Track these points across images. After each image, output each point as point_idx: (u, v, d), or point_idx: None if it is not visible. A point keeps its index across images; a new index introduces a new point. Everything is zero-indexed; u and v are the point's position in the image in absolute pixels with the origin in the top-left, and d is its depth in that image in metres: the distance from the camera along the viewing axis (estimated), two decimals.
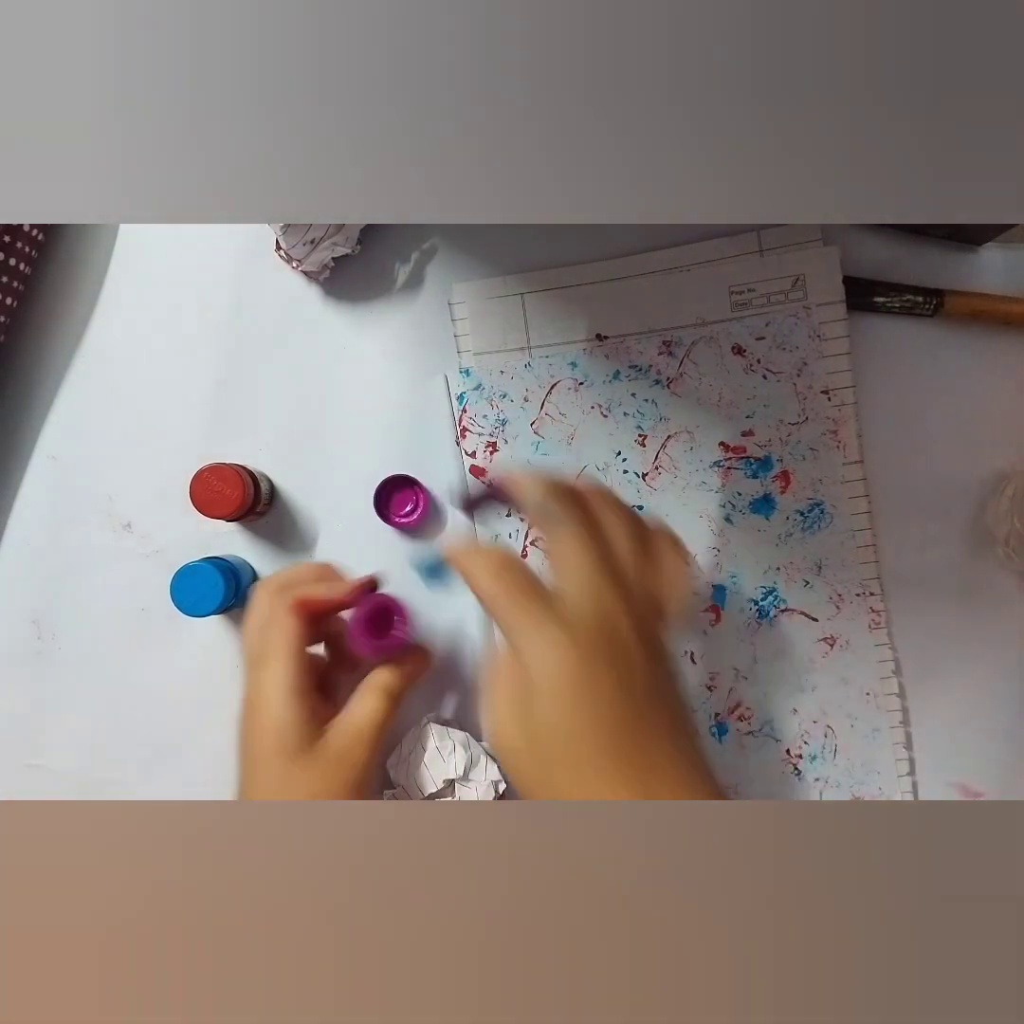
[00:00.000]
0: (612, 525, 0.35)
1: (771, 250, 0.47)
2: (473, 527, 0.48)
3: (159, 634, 0.49)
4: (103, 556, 0.50)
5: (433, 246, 0.49)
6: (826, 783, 0.48)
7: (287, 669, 0.39)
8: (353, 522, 0.49)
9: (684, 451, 0.48)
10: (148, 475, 0.49)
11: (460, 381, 0.48)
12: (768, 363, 0.47)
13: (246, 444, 0.49)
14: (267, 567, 0.49)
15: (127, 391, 0.50)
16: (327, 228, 0.45)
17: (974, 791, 0.48)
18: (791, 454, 0.47)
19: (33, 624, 0.50)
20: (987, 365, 0.47)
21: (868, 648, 0.47)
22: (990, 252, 0.47)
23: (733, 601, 0.48)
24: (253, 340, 0.49)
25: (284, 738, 0.38)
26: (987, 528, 0.47)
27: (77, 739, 0.50)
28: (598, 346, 0.48)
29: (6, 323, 0.48)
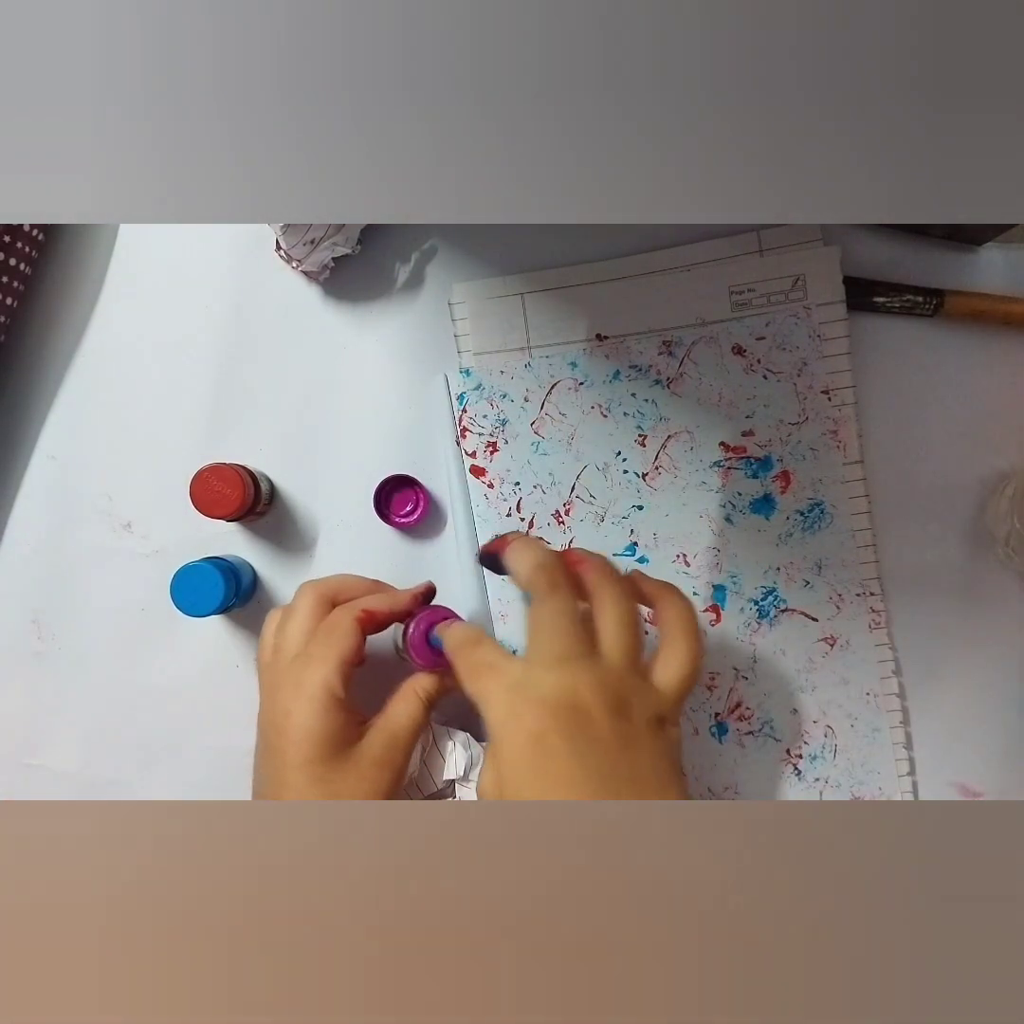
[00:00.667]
0: (604, 601, 0.35)
1: (771, 250, 0.47)
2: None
3: (159, 634, 0.49)
4: (103, 556, 0.50)
5: (433, 246, 0.49)
6: (826, 783, 0.48)
7: (336, 676, 0.37)
8: (353, 522, 0.49)
9: (684, 451, 0.48)
10: (148, 475, 0.49)
11: (460, 381, 0.48)
12: (768, 363, 0.47)
13: (246, 444, 0.49)
14: (267, 567, 0.49)
15: (127, 391, 0.50)
16: (327, 228, 0.45)
17: (974, 791, 0.48)
18: (791, 454, 0.47)
19: (33, 624, 0.50)
20: (987, 365, 0.47)
21: (868, 648, 0.47)
22: (990, 252, 0.47)
23: (733, 601, 0.48)
24: (253, 340, 0.49)
25: (323, 743, 0.36)
26: (987, 528, 0.47)
27: (77, 739, 0.50)
28: (598, 346, 0.48)
29: (6, 323, 0.48)
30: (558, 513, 0.48)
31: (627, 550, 0.48)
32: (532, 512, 0.48)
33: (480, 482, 0.48)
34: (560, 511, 0.48)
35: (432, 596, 0.44)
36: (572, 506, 0.48)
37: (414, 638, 0.41)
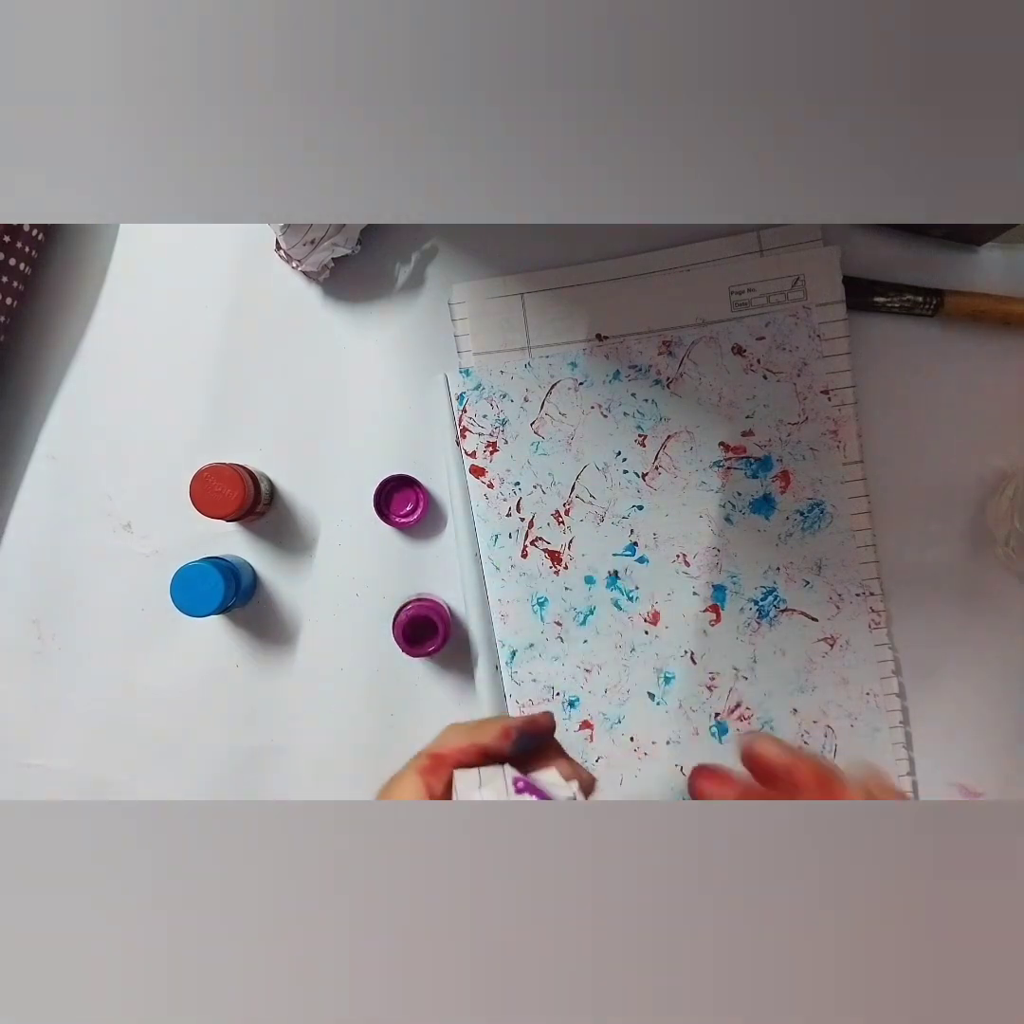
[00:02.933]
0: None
1: (771, 250, 0.47)
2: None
3: (159, 634, 0.49)
4: (103, 556, 0.50)
5: (433, 246, 0.49)
6: None
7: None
8: (353, 522, 0.49)
9: (684, 451, 0.48)
10: (148, 475, 0.49)
11: (460, 381, 0.48)
12: (768, 363, 0.47)
13: (246, 444, 0.49)
14: (267, 567, 0.49)
15: (127, 391, 0.50)
16: (327, 228, 0.45)
17: (974, 791, 0.48)
18: (791, 454, 0.47)
19: (33, 624, 0.50)
20: (987, 365, 0.47)
21: (868, 648, 0.47)
22: (990, 252, 0.47)
23: (733, 601, 0.48)
24: (253, 340, 0.49)
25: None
26: (987, 528, 0.47)
27: (76, 739, 0.50)
28: (598, 346, 0.48)
29: (6, 323, 0.48)
30: (558, 513, 0.48)
31: (627, 550, 0.48)
32: (532, 512, 0.48)
33: (480, 482, 0.48)
34: (560, 511, 0.48)
35: (535, 735, 0.34)
36: (572, 506, 0.48)
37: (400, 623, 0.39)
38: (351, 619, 0.49)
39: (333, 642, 0.49)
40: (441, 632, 0.46)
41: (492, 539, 0.48)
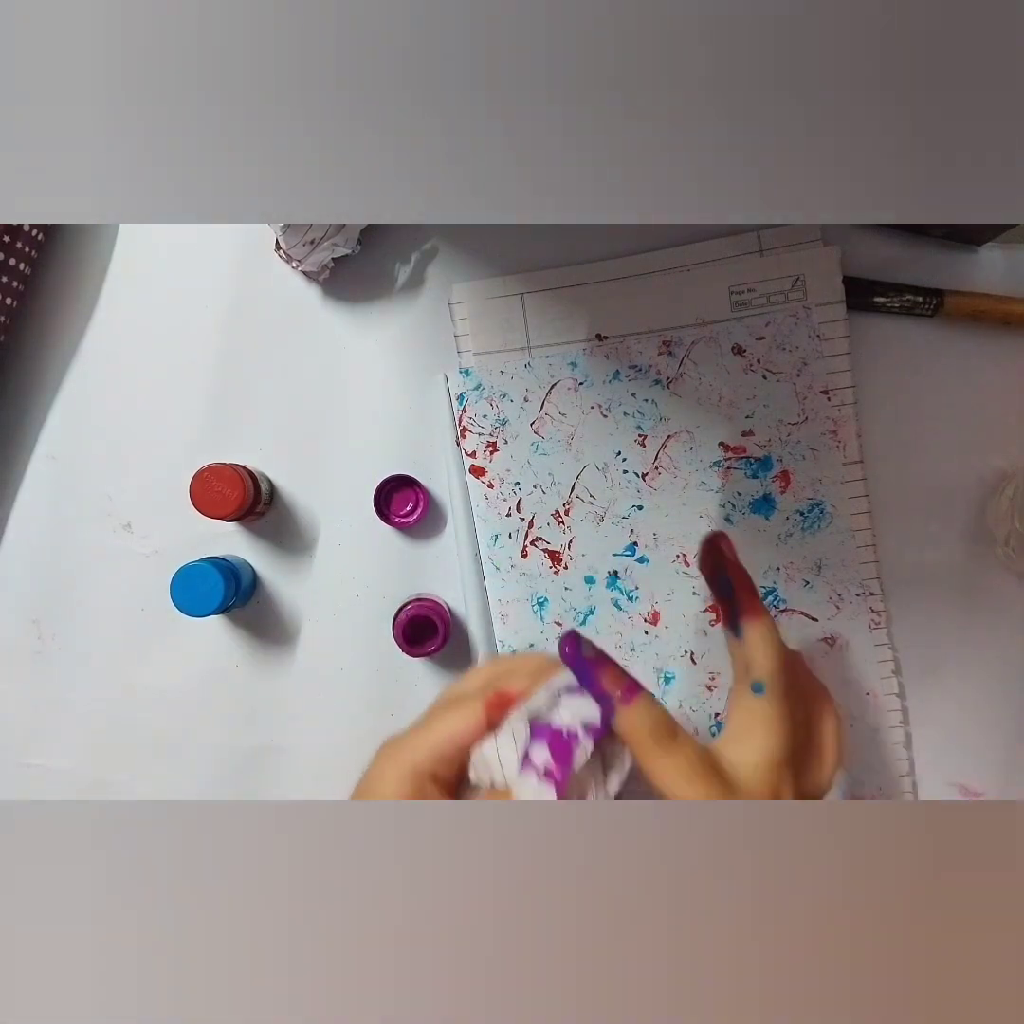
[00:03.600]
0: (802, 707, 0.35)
1: (771, 250, 0.47)
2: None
3: (159, 634, 0.49)
4: (103, 556, 0.50)
5: (433, 246, 0.49)
6: None
7: (428, 758, 0.31)
8: (353, 522, 0.49)
9: (684, 451, 0.48)
10: (148, 475, 0.49)
11: (460, 381, 0.48)
12: (768, 363, 0.47)
13: (246, 444, 0.49)
14: (267, 567, 0.49)
15: (127, 391, 0.50)
16: (327, 228, 0.45)
17: (974, 791, 0.48)
18: (791, 454, 0.47)
19: (33, 624, 0.50)
20: (987, 365, 0.47)
21: (868, 648, 0.47)
22: (990, 252, 0.47)
23: None
24: (253, 340, 0.49)
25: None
26: (987, 528, 0.47)
27: (76, 739, 0.50)
28: (598, 346, 0.48)
29: (6, 323, 0.48)
30: (558, 513, 0.48)
31: (627, 550, 0.48)
32: (532, 512, 0.48)
33: (480, 482, 0.48)
34: (560, 511, 0.48)
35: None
36: (572, 506, 0.48)
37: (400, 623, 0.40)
38: (351, 619, 0.49)
39: (333, 642, 0.49)
40: (441, 632, 0.46)
41: (492, 539, 0.48)
